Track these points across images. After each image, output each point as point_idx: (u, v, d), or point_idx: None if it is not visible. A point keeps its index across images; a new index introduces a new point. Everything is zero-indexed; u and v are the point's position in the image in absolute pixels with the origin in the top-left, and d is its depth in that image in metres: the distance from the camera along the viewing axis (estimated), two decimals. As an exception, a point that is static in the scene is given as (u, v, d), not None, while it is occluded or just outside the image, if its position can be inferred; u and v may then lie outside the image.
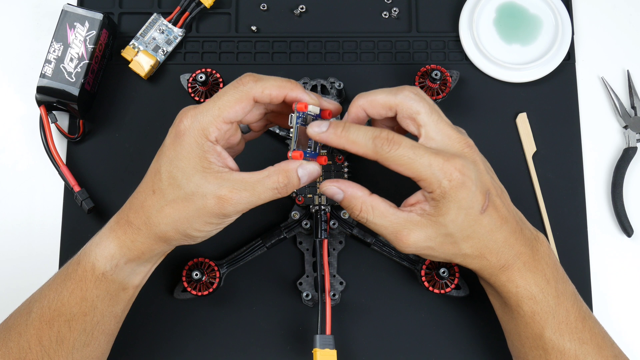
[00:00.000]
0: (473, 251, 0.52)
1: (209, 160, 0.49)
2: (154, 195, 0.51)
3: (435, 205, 0.50)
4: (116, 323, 0.55)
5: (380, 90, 0.53)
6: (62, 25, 0.64)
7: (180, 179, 0.49)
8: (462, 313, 0.63)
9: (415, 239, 0.51)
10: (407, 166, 0.49)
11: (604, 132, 0.68)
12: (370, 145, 0.50)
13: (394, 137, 0.49)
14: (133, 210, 0.52)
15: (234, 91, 0.50)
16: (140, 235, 0.51)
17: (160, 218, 0.51)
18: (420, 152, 0.49)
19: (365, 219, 0.52)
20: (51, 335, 0.52)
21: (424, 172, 0.49)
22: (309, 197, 0.62)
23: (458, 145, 0.51)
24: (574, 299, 0.54)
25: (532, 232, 0.54)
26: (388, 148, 0.49)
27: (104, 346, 0.55)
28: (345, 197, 0.52)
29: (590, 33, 0.70)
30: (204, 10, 0.69)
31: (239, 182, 0.49)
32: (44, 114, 0.64)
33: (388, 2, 0.70)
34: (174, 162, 0.50)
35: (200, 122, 0.49)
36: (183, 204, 0.50)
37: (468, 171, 0.49)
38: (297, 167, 0.51)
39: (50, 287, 0.54)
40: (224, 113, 0.49)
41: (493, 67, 0.68)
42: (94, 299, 0.52)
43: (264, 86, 0.50)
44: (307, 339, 0.63)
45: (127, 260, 0.52)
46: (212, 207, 0.49)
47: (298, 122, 0.51)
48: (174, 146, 0.50)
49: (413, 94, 0.52)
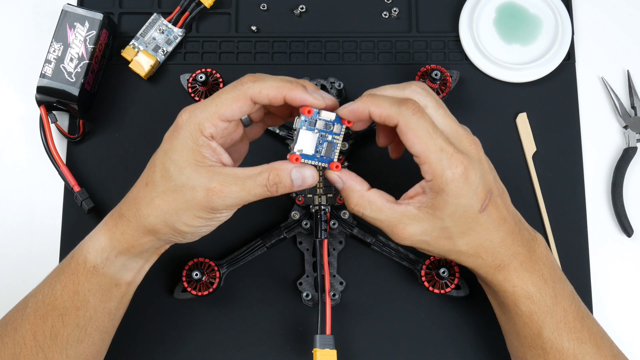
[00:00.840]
0: (468, 249, 0.52)
1: (203, 154, 0.50)
2: (146, 188, 0.51)
3: (434, 197, 0.50)
4: (110, 320, 0.55)
5: (388, 86, 0.53)
6: (62, 25, 0.64)
7: (173, 171, 0.50)
8: (462, 313, 0.63)
9: (411, 232, 0.51)
10: (421, 140, 0.49)
11: (604, 132, 0.68)
12: (395, 107, 0.49)
13: (420, 107, 0.49)
14: (126, 203, 0.53)
15: (232, 90, 0.50)
16: (130, 227, 0.52)
17: (149, 210, 0.51)
18: (438, 133, 0.49)
19: (361, 213, 0.52)
20: (45, 330, 0.52)
21: (433, 155, 0.49)
22: (309, 197, 0.62)
23: (465, 142, 0.51)
24: (572, 299, 0.54)
25: (530, 233, 0.54)
26: (412, 113, 0.49)
27: (99, 344, 0.55)
28: (344, 188, 0.52)
29: (590, 33, 0.70)
30: (204, 10, 0.69)
31: (229, 176, 0.49)
32: (44, 114, 0.64)
33: (388, 2, 0.70)
34: (168, 154, 0.50)
35: (197, 117, 0.50)
36: (172, 195, 0.50)
37: (473, 168, 0.49)
38: (292, 168, 0.50)
39: (45, 281, 0.54)
40: (220, 110, 0.50)
41: (493, 67, 0.68)
42: (85, 293, 0.53)
43: (261, 87, 0.50)
44: (307, 339, 0.63)
45: (117, 253, 0.53)
46: (200, 200, 0.49)
47: (302, 126, 0.51)
48: (170, 139, 0.51)
49: (420, 88, 0.52)
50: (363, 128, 0.53)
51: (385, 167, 0.65)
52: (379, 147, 0.56)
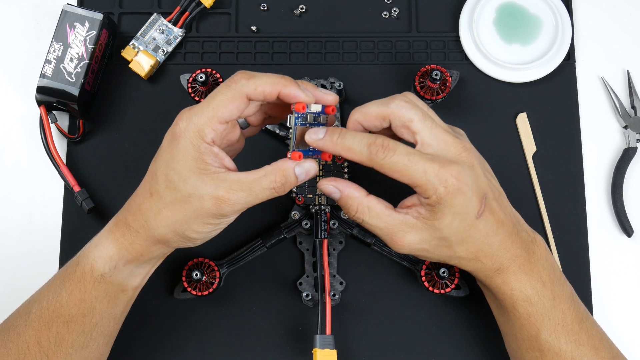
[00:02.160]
0: (467, 254, 0.52)
1: (206, 161, 0.49)
2: (151, 198, 0.51)
3: (431, 210, 0.50)
4: (115, 324, 0.55)
5: (373, 103, 0.53)
6: (62, 25, 0.64)
7: (177, 182, 0.49)
8: (462, 313, 0.63)
9: (409, 241, 0.51)
10: (402, 173, 0.49)
11: (604, 132, 0.68)
12: (365, 152, 0.50)
13: (389, 144, 0.49)
14: (131, 213, 0.52)
15: (227, 90, 0.49)
16: (139, 237, 0.51)
17: (158, 221, 0.51)
18: (416, 159, 0.49)
19: (361, 220, 0.52)
20: (50, 336, 0.52)
21: (420, 179, 0.49)
22: (309, 197, 0.61)
23: (454, 150, 0.51)
24: (571, 301, 0.54)
25: (530, 235, 0.54)
26: (383, 155, 0.49)
27: (103, 347, 0.55)
28: (342, 196, 0.52)
29: (590, 33, 0.70)
30: (204, 10, 0.69)
31: (235, 182, 0.49)
32: (44, 114, 0.64)
33: (388, 2, 0.70)
34: (170, 165, 0.50)
35: (196, 124, 0.49)
36: (180, 206, 0.50)
37: (464, 177, 0.49)
38: (294, 166, 0.51)
39: (49, 288, 0.54)
40: (219, 113, 0.49)
41: (493, 67, 0.68)
42: (92, 300, 0.52)
43: (256, 83, 0.49)
44: (307, 339, 0.63)
45: (125, 262, 0.52)
46: (209, 208, 0.49)
47: (297, 123, 0.51)
48: (170, 149, 0.50)
49: (404, 102, 0.51)
50: None
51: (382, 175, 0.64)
52: None
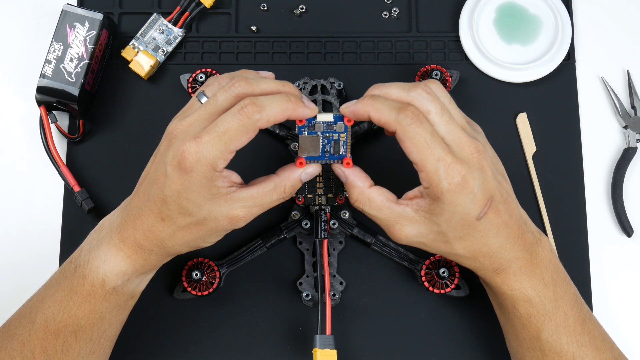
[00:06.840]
0: (465, 252, 0.52)
1: (217, 186, 0.50)
2: (163, 222, 0.51)
3: (431, 203, 0.50)
4: (120, 328, 0.56)
5: (394, 85, 0.52)
6: (62, 25, 0.64)
7: (191, 209, 0.50)
8: (462, 313, 0.63)
9: (407, 233, 0.52)
10: (418, 149, 0.49)
11: (604, 132, 0.68)
12: (393, 115, 0.49)
13: (419, 114, 0.49)
14: (141, 233, 0.52)
15: (239, 123, 0.48)
16: (153, 254, 0.53)
17: (173, 241, 0.52)
18: (437, 142, 0.49)
19: (360, 209, 0.53)
20: (57, 345, 0.52)
21: (430, 164, 0.49)
22: (309, 197, 0.61)
23: (467, 150, 0.50)
24: (574, 302, 0.53)
25: (535, 236, 0.54)
26: (410, 121, 0.49)
27: (108, 351, 0.56)
28: (347, 183, 0.54)
29: (590, 33, 0.70)
30: (204, 10, 0.69)
31: (248, 199, 0.51)
32: (44, 114, 0.64)
33: (388, 2, 0.70)
34: (183, 195, 0.49)
35: (207, 158, 0.48)
36: (195, 227, 0.51)
37: (471, 179, 0.49)
38: (300, 173, 0.53)
39: (54, 299, 0.53)
40: (231, 147, 0.49)
41: (493, 67, 0.68)
42: (102, 311, 0.53)
43: (268, 116, 0.49)
44: (307, 339, 0.63)
45: (137, 275, 0.54)
46: (224, 226, 0.51)
47: (301, 132, 0.54)
48: (180, 181, 0.49)
49: (426, 92, 0.51)
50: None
51: (388, 166, 0.65)
52: (380, 146, 0.57)
